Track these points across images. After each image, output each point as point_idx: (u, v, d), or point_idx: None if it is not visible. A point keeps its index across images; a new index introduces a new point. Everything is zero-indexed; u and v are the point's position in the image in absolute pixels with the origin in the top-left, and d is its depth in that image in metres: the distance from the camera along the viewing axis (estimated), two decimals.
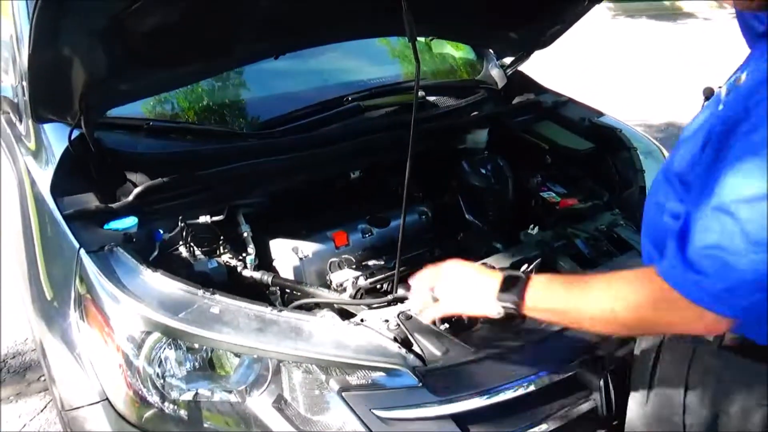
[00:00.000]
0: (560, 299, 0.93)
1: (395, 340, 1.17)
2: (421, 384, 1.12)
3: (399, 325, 1.22)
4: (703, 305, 0.78)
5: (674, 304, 0.80)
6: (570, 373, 1.21)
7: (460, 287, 1.03)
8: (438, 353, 1.16)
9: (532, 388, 1.18)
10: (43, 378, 2.24)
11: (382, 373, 1.14)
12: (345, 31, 1.63)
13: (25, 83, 1.62)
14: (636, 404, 1.08)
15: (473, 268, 1.05)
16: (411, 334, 1.20)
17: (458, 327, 1.25)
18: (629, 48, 7.40)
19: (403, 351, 1.14)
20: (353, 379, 1.14)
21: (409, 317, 1.23)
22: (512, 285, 0.96)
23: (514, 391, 1.16)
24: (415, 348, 1.17)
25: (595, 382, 1.21)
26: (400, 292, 1.38)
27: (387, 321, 1.23)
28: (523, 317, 0.97)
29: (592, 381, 1.21)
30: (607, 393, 1.19)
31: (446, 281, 1.05)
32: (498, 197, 1.85)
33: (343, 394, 1.11)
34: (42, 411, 2.11)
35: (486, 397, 1.15)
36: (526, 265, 1.31)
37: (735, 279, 0.75)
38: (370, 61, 2.26)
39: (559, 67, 4.05)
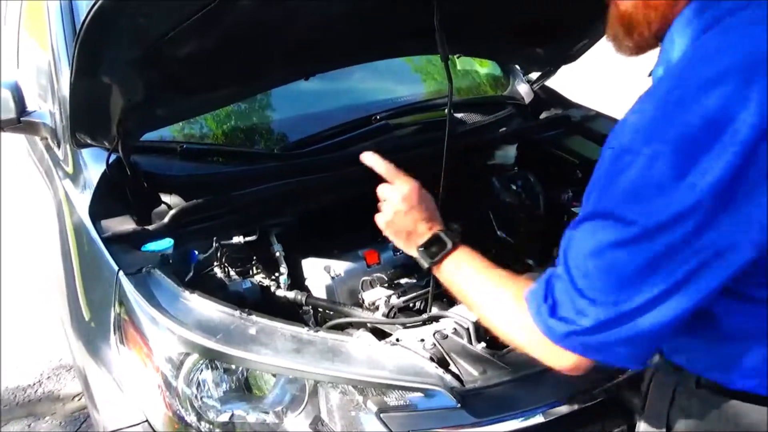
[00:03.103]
0: (464, 281, 0.95)
1: (432, 359, 1.16)
2: (459, 405, 1.10)
3: (435, 344, 1.21)
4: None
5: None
6: (611, 394, 1.18)
7: (399, 219, 1.04)
8: (475, 373, 1.15)
9: (571, 408, 1.16)
10: (77, 398, 2.28)
11: (419, 394, 1.13)
12: (376, 52, 1.64)
13: (63, 110, 1.67)
14: None
15: (422, 203, 1.04)
16: (448, 354, 1.19)
17: (495, 346, 1.24)
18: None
19: (441, 371, 1.13)
20: (390, 400, 1.13)
21: (445, 336, 1.22)
22: (436, 246, 0.99)
23: (554, 412, 1.15)
24: (452, 368, 1.16)
25: (637, 403, 1.18)
26: (434, 310, 1.37)
27: (423, 340, 1.23)
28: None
29: (633, 402, 1.19)
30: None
31: (397, 204, 1.05)
32: (529, 213, 1.83)
33: (382, 415, 1.10)
34: (78, 429, 2.13)
35: (526, 418, 1.13)
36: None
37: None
38: (394, 79, 2.28)
39: (585, 80, 4.04)
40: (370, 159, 1.12)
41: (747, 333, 0.79)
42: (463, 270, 0.96)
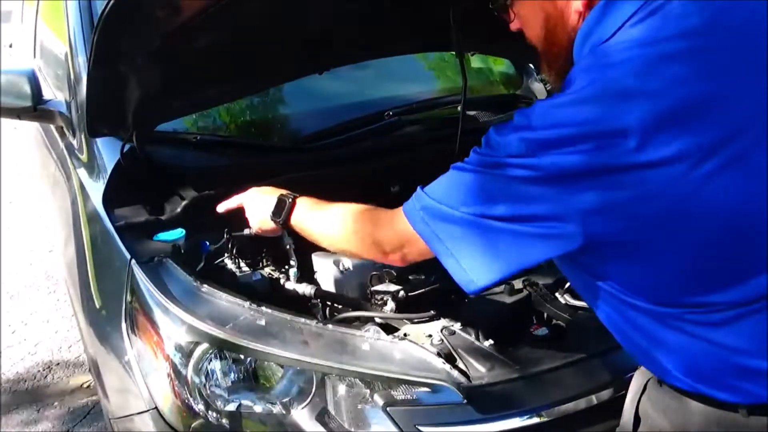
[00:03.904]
0: (307, 218, 1.14)
1: (439, 355, 1.17)
2: (465, 401, 1.11)
3: (442, 340, 1.21)
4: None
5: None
6: (619, 393, 1.18)
7: (250, 209, 1.27)
8: (482, 370, 1.15)
9: (578, 407, 1.16)
10: (86, 384, 2.30)
11: (426, 389, 1.14)
12: (390, 48, 1.65)
13: (79, 99, 1.68)
14: None
15: (260, 192, 1.26)
16: (455, 350, 1.19)
17: (503, 344, 1.24)
18: None
19: (448, 367, 1.14)
20: (397, 394, 1.14)
21: (452, 332, 1.23)
22: (281, 207, 1.17)
23: (561, 410, 1.15)
24: (459, 364, 1.17)
25: None
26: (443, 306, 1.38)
27: (430, 336, 1.23)
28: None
29: None
30: None
31: (246, 205, 1.28)
32: None
33: (388, 409, 1.11)
34: (86, 416, 2.16)
35: (531, 416, 1.14)
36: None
37: None
38: (408, 76, 2.28)
39: None
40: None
41: (657, 339, 0.86)
42: (305, 211, 1.15)
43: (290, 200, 1.17)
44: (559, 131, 0.76)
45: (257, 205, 1.25)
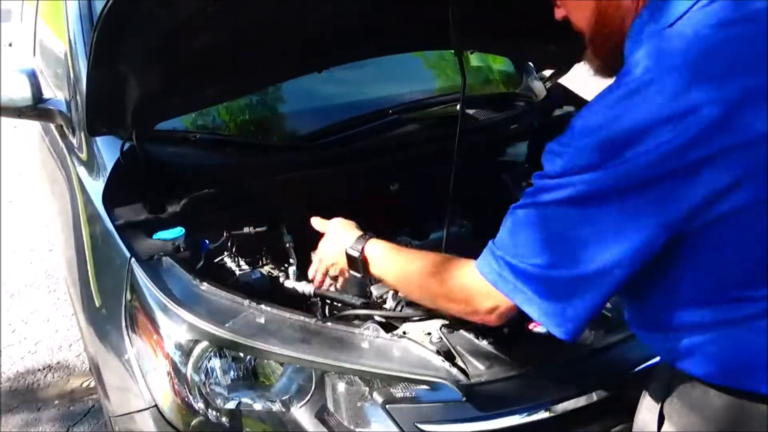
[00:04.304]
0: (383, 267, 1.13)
1: (438, 353, 1.17)
2: (464, 399, 1.11)
3: (442, 338, 1.22)
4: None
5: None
6: (616, 392, 1.18)
7: (329, 241, 1.25)
8: (482, 368, 1.16)
9: (577, 404, 1.16)
10: (86, 383, 2.31)
11: (425, 387, 1.14)
12: (390, 46, 1.65)
13: (79, 98, 1.69)
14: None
15: (341, 226, 1.25)
16: (454, 348, 1.19)
17: (502, 342, 1.24)
18: None
19: (447, 364, 1.14)
20: (396, 392, 1.14)
21: (452, 330, 1.23)
22: (359, 241, 1.16)
23: (559, 408, 1.15)
24: (458, 362, 1.17)
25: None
26: None
27: (429, 334, 1.23)
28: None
29: (635, 399, 1.19)
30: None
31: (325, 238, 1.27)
32: None
33: (387, 406, 1.11)
34: (86, 415, 2.16)
35: (530, 413, 1.14)
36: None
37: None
38: (406, 74, 2.28)
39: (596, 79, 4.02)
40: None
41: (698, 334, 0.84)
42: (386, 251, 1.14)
43: (368, 236, 1.17)
44: (635, 123, 0.73)
45: (334, 238, 1.24)
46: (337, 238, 1.22)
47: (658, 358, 1.13)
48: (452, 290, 0.98)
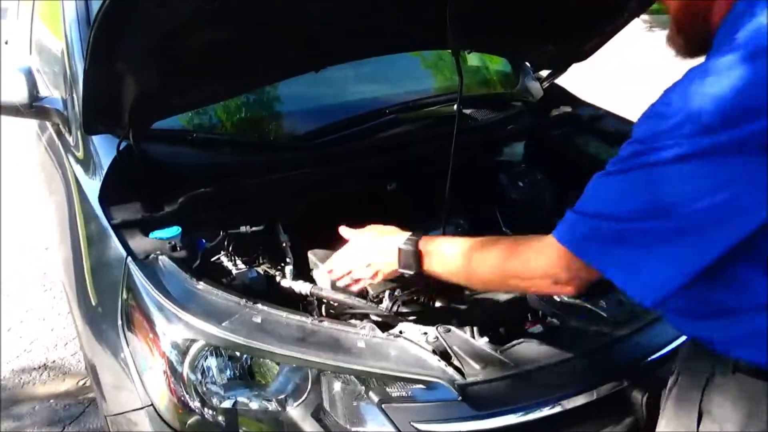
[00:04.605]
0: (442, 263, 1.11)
1: (434, 352, 1.17)
2: (460, 398, 1.11)
3: (438, 337, 1.22)
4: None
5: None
6: (612, 390, 1.19)
7: (368, 243, 1.27)
8: (477, 367, 1.16)
9: (573, 404, 1.17)
10: (81, 382, 2.30)
11: (420, 386, 1.14)
12: (388, 45, 1.65)
13: (76, 96, 1.68)
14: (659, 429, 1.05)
15: (383, 229, 1.27)
16: (450, 348, 1.20)
17: (498, 342, 1.25)
18: (663, 60, 7.29)
19: (443, 364, 1.14)
20: (392, 391, 1.15)
21: (448, 330, 1.23)
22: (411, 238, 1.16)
23: (555, 407, 1.15)
24: (454, 361, 1.17)
25: (638, 400, 1.19)
26: (438, 304, 1.38)
27: (426, 333, 1.24)
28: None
29: (635, 398, 1.19)
30: (649, 411, 1.17)
31: (364, 238, 1.28)
32: (535, 210, 1.83)
33: (383, 406, 1.11)
34: (81, 414, 2.16)
35: (526, 413, 1.14)
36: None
37: None
38: (404, 74, 2.28)
39: (594, 79, 4.03)
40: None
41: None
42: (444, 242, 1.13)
43: (419, 234, 1.16)
44: (734, 95, 0.71)
45: (380, 248, 1.24)
46: (379, 239, 1.25)
47: (655, 356, 1.13)
48: (529, 266, 0.96)
